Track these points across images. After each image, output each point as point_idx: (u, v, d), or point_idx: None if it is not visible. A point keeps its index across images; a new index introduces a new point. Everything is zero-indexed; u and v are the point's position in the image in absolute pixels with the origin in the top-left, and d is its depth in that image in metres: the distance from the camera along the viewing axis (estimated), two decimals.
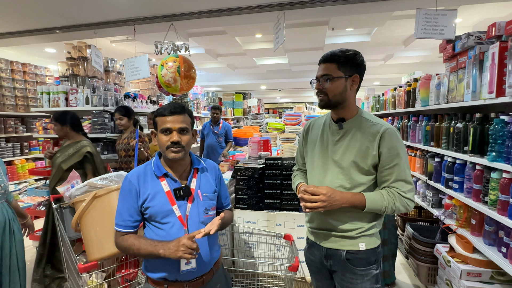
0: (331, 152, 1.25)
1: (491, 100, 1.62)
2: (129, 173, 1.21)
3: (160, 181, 1.18)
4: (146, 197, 1.16)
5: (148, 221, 1.19)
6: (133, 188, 1.17)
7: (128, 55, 5.52)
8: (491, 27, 1.68)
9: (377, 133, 1.18)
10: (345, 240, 1.22)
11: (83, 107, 3.35)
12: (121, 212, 1.18)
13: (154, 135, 1.23)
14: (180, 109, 1.18)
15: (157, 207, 1.15)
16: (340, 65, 1.18)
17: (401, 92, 3.24)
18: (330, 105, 1.22)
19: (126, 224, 1.17)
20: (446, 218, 2.16)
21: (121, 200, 1.19)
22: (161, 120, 1.17)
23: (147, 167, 1.22)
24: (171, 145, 1.15)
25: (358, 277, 1.20)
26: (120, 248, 1.18)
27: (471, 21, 4.21)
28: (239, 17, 3.20)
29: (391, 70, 7.89)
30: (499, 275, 1.76)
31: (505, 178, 1.51)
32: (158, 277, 1.16)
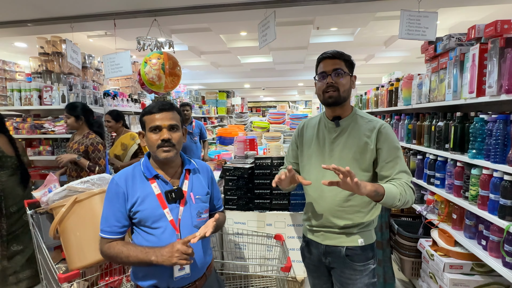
0: (328, 150, 1.25)
1: (471, 99, 1.68)
2: (116, 175, 1.14)
3: (150, 183, 1.12)
4: (135, 201, 1.09)
5: (137, 226, 1.13)
6: (120, 191, 1.10)
7: (107, 51, 5.29)
8: (471, 30, 1.75)
9: (373, 128, 1.21)
10: (345, 237, 1.23)
11: (58, 106, 3.17)
12: (107, 218, 1.10)
13: (142, 135, 1.17)
14: (169, 106, 1.13)
15: (147, 211, 1.09)
16: (346, 63, 1.23)
17: (384, 92, 3.32)
18: (339, 101, 1.21)
19: (113, 230, 1.10)
20: (428, 213, 2.24)
21: (107, 205, 1.11)
22: (149, 118, 1.12)
23: (136, 169, 1.16)
24: (162, 144, 1.09)
25: (357, 272, 1.22)
26: (106, 256, 1.10)
27: (448, 23, 4.40)
28: (225, 14, 3.15)
29: (372, 70, 8.12)
30: (479, 267, 1.85)
31: (485, 174, 1.58)
32: (149, 285, 1.10)
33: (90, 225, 1.56)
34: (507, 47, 1.43)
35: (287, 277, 1.64)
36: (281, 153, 2.79)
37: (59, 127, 3.16)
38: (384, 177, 1.23)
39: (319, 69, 1.25)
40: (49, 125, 3.18)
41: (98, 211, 1.61)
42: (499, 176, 1.47)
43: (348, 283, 1.23)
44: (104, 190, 1.65)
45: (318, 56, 1.27)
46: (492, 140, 1.51)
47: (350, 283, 1.23)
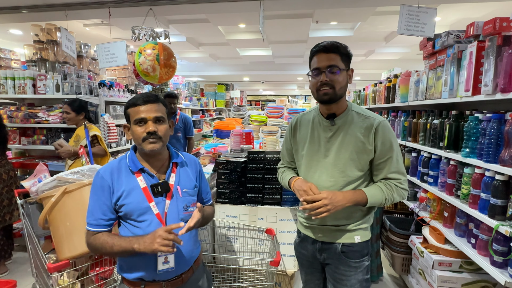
0: (324, 150, 1.22)
1: (467, 98, 1.67)
2: (101, 168, 1.13)
3: (136, 177, 1.11)
4: (120, 194, 1.08)
5: (123, 220, 1.12)
6: (105, 185, 1.09)
7: (104, 40, 5.22)
8: (469, 27, 1.73)
9: (371, 127, 1.17)
10: (341, 233, 1.23)
11: (52, 95, 3.13)
12: (93, 211, 1.10)
13: (128, 129, 1.15)
14: (154, 97, 1.11)
15: (133, 205, 1.08)
16: (342, 57, 1.15)
17: (382, 88, 3.30)
18: (335, 99, 1.15)
19: (99, 223, 1.09)
20: (421, 211, 2.25)
21: (93, 198, 1.11)
22: (134, 110, 1.09)
23: (121, 162, 1.14)
24: (148, 136, 1.07)
25: (352, 269, 1.22)
26: (92, 248, 1.10)
27: (449, 20, 4.35)
28: (223, 5, 3.10)
29: (372, 66, 8.07)
30: (468, 264, 1.87)
31: (477, 174, 1.58)
32: (134, 277, 1.10)
33: (80, 215, 1.55)
34: (505, 45, 1.41)
35: (276, 270, 1.65)
36: (277, 147, 2.78)
37: (54, 116, 3.13)
38: (376, 175, 1.22)
39: (312, 64, 1.18)
40: (43, 114, 3.15)
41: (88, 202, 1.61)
42: (491, 176, 1.47)
43: (342, 279, 1.23)
44: None
45: (311, 49, 1.19)
46: (486, 139, 1.50)
47: (344, 279, 1.23)
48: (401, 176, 1.20)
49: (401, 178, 1.19)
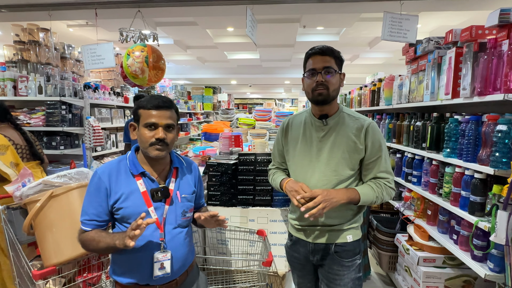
0: (316, 149, 1.24)
1: (447, 101, 1.76)
2: (99, 169, 1.10)
3: (135, 180, 1.08)
4: (118, 197, 1.06)
5: (119, 222, 1.10)
6: (102, 186, 1.06)
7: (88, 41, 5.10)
8: (448, 34, 1.82)
9: (362, 127, 1.21)
10: (334, 234, 1.25)
11: (35, 97, 3.03)
12: (87, 211, 1.08)
13: (134, 128, 1.12)
14: (169, 104, 1.09)
15: (131, 209, 1.06)
16: (336, 60, 1.19)
17: (367, 91, 3.41)
18: (328, 100, 1.19)
19: (93, 224, 1.08)
20: (406, 210, 2.33)
21: (88, 198, 1.08)
22: (146, 113, 1.06)
23: (121, 163, 1.11)
24: (156, 142, 1.05)
25: (345, 268, 1.24)
26: (81, 244, 1.09)
27: (429, 27, 4.55)
28: (210, 8, 3.11)
29: (356, 70, 8.28)
30: (450, 260, 1.95)
31: (458, 172, 1.66)
32: (128, 282, 1.08)
33: (67, 220, 1.51)
34: (481, 51, 1.50)
35: (268, 271, 1.67)
36: (266, 150, 2.81)
37: (35, 119, 3.03)
38: (366, 175, 1.26)
39: (308, 65, 1.21)
40: (24, 117, 3.04)
41: (76, 206, 1.56)
42: (470, 174, 1.55)
43: (336, 279, 1.25)
44: (82, 185, 1.60)
45: (307, 51, 1.23)
46: (465, 140, 1.59)
47: (337, 278, 1.25)
48: (390, 175, 1.25)
49: (389, 177, 1.24)
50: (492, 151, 1.38)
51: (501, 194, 1.34)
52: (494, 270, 1.41)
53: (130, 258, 1.07)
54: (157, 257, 1.06)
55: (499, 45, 1.41)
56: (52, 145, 3.02)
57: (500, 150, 1.33)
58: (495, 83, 1.40)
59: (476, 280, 1.88)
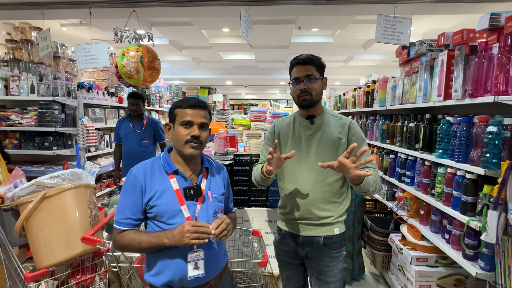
0: (305, 146, 1.35)
1: (439, 102, 1.79)
2: (134, 168, 1.13)
3: (169, 178, 1.11)
4: (152, 195, 1.08)
5: (152, 221, 1.11)
6: (138, 184, 1.08)
7: (82, 41, 5.06)
8: (440, 37, 1.86)
9: (344, 124, 1.35)
10: (322, 227, 1.33)
11: (27, 97, 2.99)
12: (123, 210, 1.09)
13: (169, 127, 1.16)
14: (203, 104, 1.15)
15: (164, 206, 1.08)
16: (317, 68, 1.31)
17: (361, 93, 3.44)
18: (312, 104, 1.31)
19: (128, 222, 1.08)
20: (399, 210, 2.36)
21: (124, 197, 1.10)
22: (182, 112, 1.11)
23: (155, 163, 1.14)
24: (191, 139, 1.09)
25: (334, 259, 1.33)
26: (119, 246, 1.09)
27: (422, 29, 4.63)
28: (206, 9, 3.11)
29: (351, 71, 8.36)
30: (443, 259, 1.98)
31: (449, 173, 1.69)
32: (163, 282, 1.08)
33: (60, 221, 1.50)
34: (472, 54, 1.54)
35: (263, 272, 1.67)
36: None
37: (28, 119, 2.99)
38: None
39: (292, 74, 1.34)
40: (16, 117, 2.99)
41: (69, 207, 1.55)
42: (462, 175, 1.58)
43: (326, 270, 1.32)
44: (76, 185, 1.59)
45: (291, 61, 1.35)
46: (457, 141, 1.62)
47: (327, 270, 1.32)
48: (375, 167, 1.35)
49: (376, 168, 1.34)
50: (482, 152, 1.41)
51: (491, 194, 1.37)
52: (485, 268, 1.44)
53: (166, 257, 1.08)
54: (191, 256, 1.08)
55: (489, 48, 1.45)
56: (44, 145, 2.98)
57: (490, 151, 1.36)
58: (486, 86, 1.43)
59: (467, 279, 1.91)
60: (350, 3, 2.84)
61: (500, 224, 1.28)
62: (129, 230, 1.08)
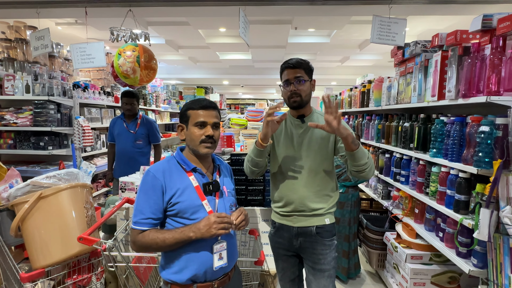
0: (297, 143, 1.44)
1: (433, 102, 1.82)
2: (151, 168, 1.15)
3: (187, 176, 1.15)
4: (174, 192, 1.11)
5: (173, 218, 1.13)
6: (158, 184, 1.11)
7: (77, 40, 5.03)
8: (434, 37, 1.88)
9: None
10: (314, 218, 1.42)
11: (22, 96, 2.97)
12: (143, 210, 1.10)
13: (181, 128, 1.20)
14: (214, 104, 1.20)
15: (187, 203, 1.12)
16: (306, 71, 1.40)
17: (357, 93, 3.47)
18: (302, 105, 1.40)
19: (149, 222, 1.09)
20: (394, 208, 2.38)
21: (143, 197, 1.11)
22: (195, 113, 1.16)
23: (171, 162, 1.18)
24: (206, 139, 1.14)
25: (327, 247, 1.42)
26: (140, 246, 1.09)
27: (417, 30, 4.67)
28: (203, 9, 3.11)
29: (347, 72, 8.40)
30: (437, 257, 2.01)
31: (443, 172, 1.71)
32: (186, 278, 1.10)
33: (56, 221, 1.50)
34: (465, 55, 1.56)
35: (260, 270, 1.68)
36: None
37: (23, 119, 2.97)
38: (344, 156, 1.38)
39: (283, 77, 1.41)
40: (11, 116, 2.97)
41: (65, 207, 1.55)
42: (455, 174, 1.61)
43: (320, 259, 1.41)
44: (72, 185, 1.58)
45: (281, 65, 1.43)
46: (450, 141, 1.64)
47: (321, 258, 1.41)
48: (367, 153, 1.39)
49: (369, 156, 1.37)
50: (475, 151, 1.43)
51: (484, 193, 1.40)
52: (478, 265, 1.47)
53: (191, 251, 1.11)
54: (216, 247, 1.12)
55: (482, 49, 1.47)
56: (40, 145, 2.96)
57: (483, 150, 1.38)
58: (478, 86, 1.46)
59: (461, 276, 1.94)
60: (345, 4, 2.86)
61: (492, 222, 1.30)
62: (150, 229, 1.10)
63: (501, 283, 1.31)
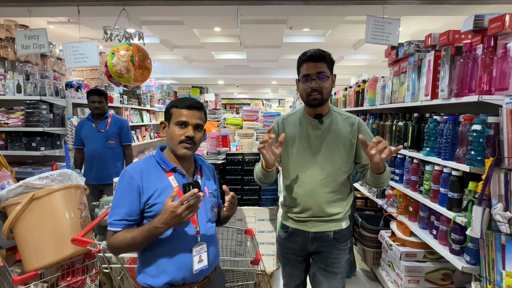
0: (315, 146, 1.33)
1: (427, 102, 1.84)
2: (128, 168, 1.11)
3: (167, 176, 1.12)
4: (152, 193, 1.08)
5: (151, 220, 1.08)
6: (134, 184, 1.07)
7: (70, 39, 4.96)
8: (427, 37, 1.90)
9: (353, 124, 1.34)
10: (332, 223, 1.36)
11: (13, 96, 2.92)
12: (118, 211, 1.06)
13: (164, 126, 1.16)
14: (200, 105, 1.15)
15: None
16: (328, 65, 1.27)
17: (351, 92, 3.49)
18: (322, 103, 1.29)
19: (122, 223, 1.06)
20: (389, 207, 2.40)
21: (119, 197, 1.07)
22: (178, 111, 1.12)
23: (149, 162, 1.15)
24: (185, 140, 1.10)
25: (342, 251, 1.39)
26: (112, 247, 1.06)
27: (410, 30, 4.71)
28: (198, 8, 3.10)
29: (342, 71, 8.44)
30: (430, 254, 2.03)
31: (437, 170, 1.74)
32: (164, 283, 1.06)
33: (49, 223, 1.48)
34: (457, 55, 1.58)
35: (256, 270, 1.68)
36: (253, 149, 2.82)
37: (14, 119, 2.92)
38: (364, 165, 1.35)
39: (302, 71, 1.28)
40: (2, 117, 2.92)
41: (59, 209, 1.53)
42: (448, 172, 1.63)
43: (334, 263, 1.37)
44: (65, 186, 1.56)
45: (300, 56, 1.29)
46: (443, 139, 1.66)
47: (336, 262, 1.37)
48: None
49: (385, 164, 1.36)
50: (468, 149, 1.45)
51: (476, 191, 1.42)
52: (470, 262, 1.49)
53: (169, 254, 1.07)
54: (196, 250, 1.09)
55: (474, 49, 1.49)
56: (32, 146, 2.91)
57: (475, 149, 1.40)
58: (471, 85, 1.48)
59: (454, 273, 1.97)
60: (340, 4, 2.88)
61: (484, 219, 1.32)
62: (122, 230, 1.06)
63: (493, 279, 1.33)
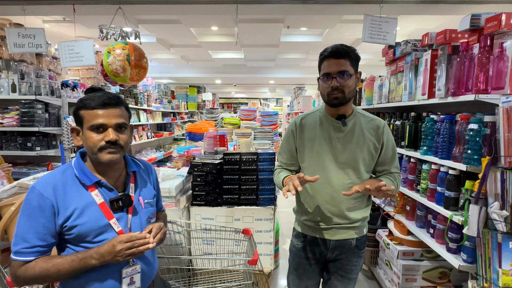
0: (337, 149, 1.24)
1: (423, 101, 1.84)
2: (37, 183, 0.91)
3: (89, 192, 0.93)
4: (70, 214, 0.90)
5: (73, 243, 0.93)
6: (47, 204, 0.88)
7: (65, 38, 4.92)
8: (424, 37, 1.91)
9: (378, 128, 1.28)
10: (354, 230, 1.32)
11: (8, 96, 2.89)
12: (26, 237, 0.88)
13: (77, 132, 0.96)
14: (116, 100, 0.93)
15: (89, 224, 0.92)
16: (352, 61, 1.16)
17: None
18: (344, 102, 1.18)
19: (36, 251, 0.89)
20: (386, 206, 2.41)
21: (25, 220, 0.88)
22: (89, 114, 0.90)
23: (66, 173, 0.95)
24: (107, 145, 0.90)
25: (361, 258, 1.37)
26: (24, 280, 0.89)
27: (407, 29, 4.73)
28: (194, 7, 3.08)
29: None
30: (428, 253, 2.04)
31: (434, 169, 1.74)
32: None
33: None
34: (454, 54, 1.59)
35: (254, 270, 1.68)
36: (251, 149, 2.82)
37: (9, 119, 2.89)
38: (382, 170, 1.34)
39: (322, 68, 1.18)
40: None
41: None
42: (445, 171, 1.63)
43: (352, 269, 1.35)
44: None
45: (321, 52, 1.19)
46: (440, 138, 1.67)
47: (354, 268, 1.36)
48: (399, 169, 1.39)
49: (400, 172, 1.38)
50: (464, 148, 1.46)
51: (473, 189, 1.42)
52: (467, 261, 1.49)
53: (93, 280, 0.93)
54: (126, 271, 0.95)
55: (470, 48, 1.50)
56: (27, 146, 2.89)
57: (472, 148, 1.40)
58: (467, 84, 1.48)
59: (451, 271, 1.98)
60: (337, 3, 2.88)
61: (481, 218, 1.33)
62: (36, 259, 0.89)
63: (490, 277, 1.33)
